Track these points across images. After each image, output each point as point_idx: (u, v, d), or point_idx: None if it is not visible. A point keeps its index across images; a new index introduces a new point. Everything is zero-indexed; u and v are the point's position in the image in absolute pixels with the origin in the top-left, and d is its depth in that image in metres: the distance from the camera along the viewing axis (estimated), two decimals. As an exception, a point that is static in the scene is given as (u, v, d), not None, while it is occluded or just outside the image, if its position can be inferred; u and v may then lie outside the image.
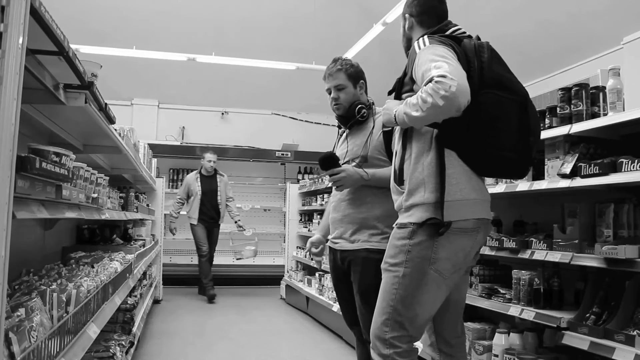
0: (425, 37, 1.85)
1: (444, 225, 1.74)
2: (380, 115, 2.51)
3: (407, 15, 2.07)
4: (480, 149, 1.79)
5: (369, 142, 2.42)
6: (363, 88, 2.55)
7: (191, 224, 6.63)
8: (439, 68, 1.66)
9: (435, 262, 1.77)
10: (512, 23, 5.56)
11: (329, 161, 2.42)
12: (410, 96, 1.82)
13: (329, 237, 2.58)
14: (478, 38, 1.92)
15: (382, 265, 1.90)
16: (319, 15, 7.16)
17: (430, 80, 1.66)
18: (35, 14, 1.20)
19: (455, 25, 1.98)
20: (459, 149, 1.80)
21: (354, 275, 2.38)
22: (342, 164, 2.50)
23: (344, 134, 2.61)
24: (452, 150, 1.80)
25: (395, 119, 1.85)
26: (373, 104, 2.57)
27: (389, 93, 2.05)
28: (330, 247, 2.56)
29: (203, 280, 6.50)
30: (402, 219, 1.87)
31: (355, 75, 2.53)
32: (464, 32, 1.95)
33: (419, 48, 1.83)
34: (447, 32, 1.92)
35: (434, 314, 1.88)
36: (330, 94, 2.53)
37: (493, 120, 1.76)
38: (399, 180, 1.91)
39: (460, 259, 1.81)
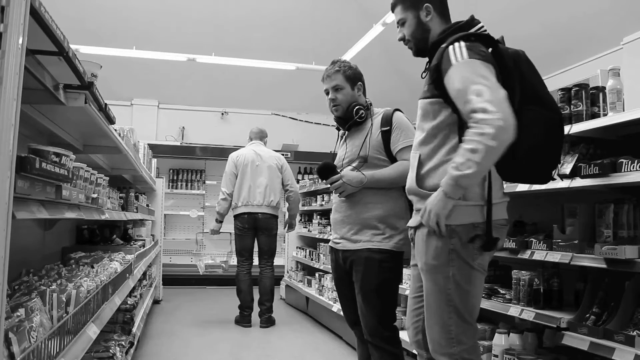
0: (462, 43, 1.77)
1: (491, 239, 1.78)
2: (378, 115, 2.52)
3: (426, 4, 1.96)
4: (519, 165, 1.80)
5: (367, 142, 2.43)
6: (361, 90, 2.56)
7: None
8: (480, 95, 1.63)
9: (477, 257, 1.80)
10: (512, 24, 5.56)
11: (327, 170, 2.45)
12: (429, 101, 1.85)
13: (332, 237, 2.59)
14: (502, 40, 1.89)
15: (423, 267, 1.87)
16: (318, 16, 7.17)
17: (471, 115, 1.64)
18: (35, 14, 1.20)
19: (480, 22, 1.91)
20: (504, 164, 1.77)
21: (356, 275, 2.39)
22: (343, 165, 2.51)
23: (343, 136, 2.62)
24: None
25: (445, 194, 1.72)
26: (371, 104, 2.58)
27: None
28: (331, 247, 2.58)
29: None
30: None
31: (353, 76, 2.54)
32: (486, 30, 1.88)
33: (455, 59, 1.74)
34: (474, 30, 1.86)
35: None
36: (328, 95, 2.55)
37: (535, 137, 1.76)
38: (430, 186, 1.86)
39: (494, 253, 1.88)
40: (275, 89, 8.26)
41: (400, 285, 3.39)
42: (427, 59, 2.04)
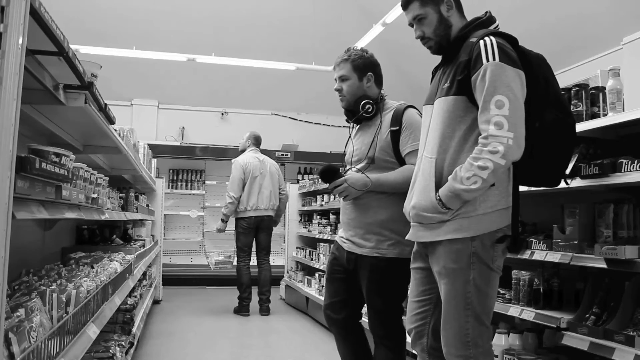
0: (494, 40, 1.74)
1: (512, 237, 1.80)
2: (389, 111, 2.39)
3: None
4: (537, 169, 1.81)
5: (376, 141, 2.34)
6: (371, 81, 2.43)
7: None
8: (500, 108, 1.65)
9: (495, 260, 1.80)
10: (512, 24, 5.55)
11: (329, 174, 2.35)
12: (453, 99, 1.80)
13: (339, 232, 2.53)
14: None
15: (442, 271, 1.82)
16: (318, 16, 7.17)
17: (484, 126, 1.67)
18: (35, 14, 1.20)
19: (496, 20, 1.91)
20: (519, 165, 1.78)
21: (362, 280, 2.37)
22: (352, 162, 2.44)
23: (356, 130, 2.52)
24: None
25: (442, 204, 1.76)
26: (382, 98, 2.45)
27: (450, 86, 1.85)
28: (337, 241, 2.52)
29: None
30: (456, 224, 1.79)
31: (363, 66, 2.41)
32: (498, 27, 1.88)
33: (486, 59, 1.71)
34: (493, 27, 1.86)
35: None
36: (336, 83, 2.45)
37: (554, 141, 1.78)
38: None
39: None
40: (275, 89, 8.25)
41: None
42: (430, 58, 2.03)
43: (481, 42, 1.75)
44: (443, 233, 1.81)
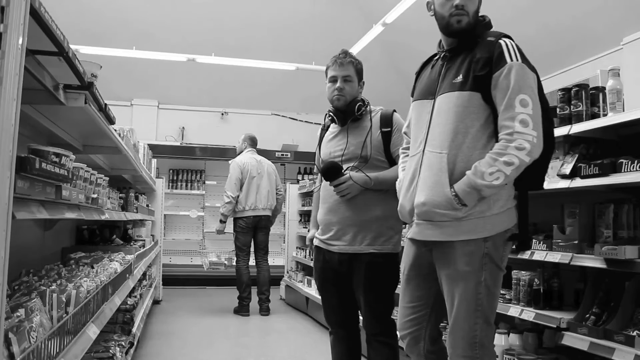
0: (513, 42, 1.79)
1: (519, 237, 1.81)
2: (376, 114, 2.47)
3: None
4: (526, 173, 1.79)
5: (368, 141, 2.39)
6: (362, 88, 2.55)
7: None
8: (525, 107, 1.68)
9: (503, 260, 1.81)
10: (512, 25, 5.55)
11: (333, 172, 2.36)
12: (468, 94, 1.79)
13: (321, 237, 2.49)
14: None
15: (452, 274, 1.80)
16: (318, 16, 7.17)
17: (508, 123, 1.68)
18: (35, 15, 1.20)
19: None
20: None
21: (357, 278, 2.36)
22: (342, 161, 2.43)
23: (338, 131, 2.54)
24: None
25: (458, 200, 1.73)
26: (369, 103, 2.54)
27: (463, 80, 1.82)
28: (320, 247, 2.49)
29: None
30: (470, 225, 1.78)
31: (360, 72, 2.53)
32: None
33: (510, 58, 1.74)
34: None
35: None
36: (334, 82, 2.46)
37: (545, 146, 1.79)
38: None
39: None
40: (275, 89, 8.25)
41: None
42: (429, 55, 2.03)
43: (501, 41, 1.79)
44: (457, 233, 1.77)
